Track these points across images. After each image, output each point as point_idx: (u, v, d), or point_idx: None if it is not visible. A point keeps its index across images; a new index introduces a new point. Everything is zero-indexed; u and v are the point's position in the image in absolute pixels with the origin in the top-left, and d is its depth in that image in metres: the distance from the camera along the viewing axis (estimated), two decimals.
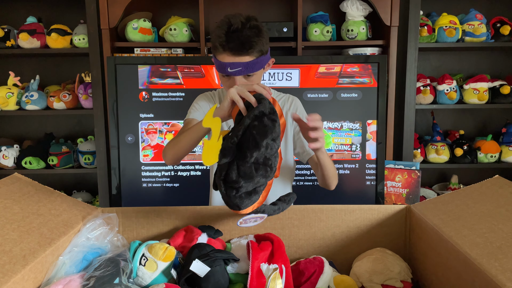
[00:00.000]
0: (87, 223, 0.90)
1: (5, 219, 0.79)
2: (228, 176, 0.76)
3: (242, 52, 1.08)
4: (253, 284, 0.81)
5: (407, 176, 2.01)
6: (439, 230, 0.82)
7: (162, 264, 0.84)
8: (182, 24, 2.12)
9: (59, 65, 2.44)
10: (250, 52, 1.09)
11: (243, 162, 0.75)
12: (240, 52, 1.08)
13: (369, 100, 1.93)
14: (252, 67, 1.11)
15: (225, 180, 0.77)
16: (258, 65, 1.13)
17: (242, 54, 1.09)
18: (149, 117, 1.95)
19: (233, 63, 1.09)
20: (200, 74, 1.93)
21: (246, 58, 1.10)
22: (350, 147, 1.96)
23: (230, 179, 0.76)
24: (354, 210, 1.01)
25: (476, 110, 2.50)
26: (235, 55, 1.09)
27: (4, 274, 0.65)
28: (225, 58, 1.10)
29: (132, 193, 1.96)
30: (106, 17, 2.03)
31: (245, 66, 1.10)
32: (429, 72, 2.47)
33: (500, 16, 2.23)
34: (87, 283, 0.74)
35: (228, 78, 1.14)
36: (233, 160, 0.76)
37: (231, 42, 1.07)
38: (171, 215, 1.01)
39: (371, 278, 0.87)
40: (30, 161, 2.21)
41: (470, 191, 0.92)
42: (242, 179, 0.75)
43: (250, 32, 1.09)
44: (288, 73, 1.94)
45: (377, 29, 2.21)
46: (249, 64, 1.10)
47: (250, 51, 1.09)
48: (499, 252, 0.67)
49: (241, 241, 0.98)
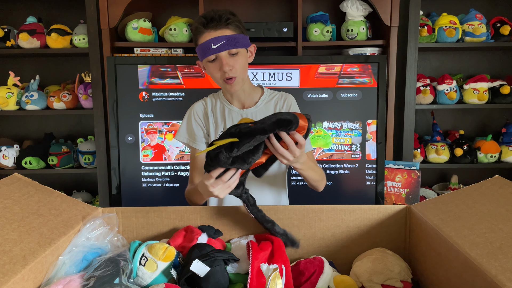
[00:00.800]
0: (87, 223, 0.90)
1: (5, 219, 0.79)
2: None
3: (220, 24, 1.15)
4: (253, 284, 0.81)
5: (407, 176, 2.01)
6: (439, 230, 0.82)
7: (162, 264, 0.84)
8: (182, 24, 2.12)
9: (59, 65, 2.44)
10: (229, 25, 1.16)
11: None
12: (219, 25, 1.15)
13: (369, 100, 1.93)
14: (234, 41, 1.16)
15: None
16: (240, 41, 1.18)
17: (221, 27, 1.15)
18: (149, 117, 1.95)
19: (216, 38, 1.15)
20: (200, 74, 1.93)
21: (227, 31, 1.16)
22: (350, 147, 1.96)
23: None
24: (354, 210, 1.01)
25: (476, 110, 2.50)
26: (216, 29, 1.15)
27: (4, 274, 0.65)
28: (207, 36, 1.16)
29: (132, 193, 1.97)
30: (106, 17, 2.03)
31: (228, 39, 1.16)
32: (429, 72, 2.47)
33: (500, 16, 2.23)
34: (87, 283, 0.74)
35: (215, 62, 1.18)
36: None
37: (210, 17, 1.16)
38: (171, 215, 1.01)
39: (371, 278, 0.87)
40: (30, 161, 2.21)
41: (470, 191, 0.92)
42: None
43: (225, 11, 1.18)
44: (288, 73, 1.94)
45: (377, 29, 2.21)
46: (231, 38, 1.16)
47: (228, 24, 1.16)
48: (499, 252, 0.67)
49: (241, 241, 0.98)
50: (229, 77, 1.19)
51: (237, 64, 1.18)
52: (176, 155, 1.97)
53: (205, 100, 1.36)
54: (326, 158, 1.97)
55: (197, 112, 1.33)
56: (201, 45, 1.17)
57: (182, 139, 1.33)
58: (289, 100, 1.35)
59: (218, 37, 1.15)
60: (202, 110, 1.34)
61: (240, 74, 1.20)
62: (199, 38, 1.18)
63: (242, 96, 1.31)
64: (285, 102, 1.34)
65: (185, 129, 1.34)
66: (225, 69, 1.17)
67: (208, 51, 1.16)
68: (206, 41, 1.16)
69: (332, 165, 1.97)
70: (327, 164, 1.97)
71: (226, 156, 0.86)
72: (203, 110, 1.34)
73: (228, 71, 1.17)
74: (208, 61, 1.19)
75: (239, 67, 1.19)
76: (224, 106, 1.32)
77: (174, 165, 1.97)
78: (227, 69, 1.17)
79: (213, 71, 1.20)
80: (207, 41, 1.15)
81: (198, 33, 1.18)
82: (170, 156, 1.97)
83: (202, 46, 1.17)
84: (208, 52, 1.16)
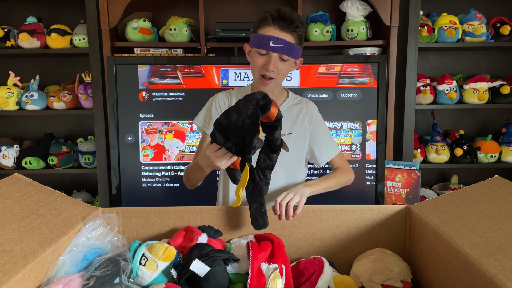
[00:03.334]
0: (87, 223, 0.90)
1: (5, 219, 0.79)
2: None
3: (288, 28, 1.16)
4: (253, 284, 0.81)
5: (407, 176, 2.01)
6: (439, 230, 0.82)
7: (162, 264, 0.84)
8: (182, 24, 2.12)
9: (59, 65, 2.44)
10: (294, 33, 1.18)
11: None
12: (287, 28, 1.16)
13: (369, 100, 1.93)
14: (291, 49, 1.18)
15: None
16: (295, 51, 1.20)
17: (287, 30, 1.17)
18: (149, 117, 1.95)
19: (277, 38, 1.16)
20: (200, 74, 1.93)
21: (289, 37, 1.18)
22: (350, 147, 1.96)
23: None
24: (354, 210, 1.01)
25: (476, 110, 2.50)
26: (281, 30, 1.17)
27: (5, 273, 0.66)
28: (271, 31, 1.17)
29: (132, 193, 1.97)
30: (106, 17, 2.03)
31: (286, 44, 1.17)
32: (429, 72, 2.47)
33: (500, 16, 2.23)
34: (87, 283, 0.74)
35: (264, 56, 1.20)
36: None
37: (282, 16, 1.16)
38: (171, 215, 1.01)
39: (371, 278, 0.87)
40: (30, 161, 2.21)
41: (470, 191, 0.92)
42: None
43: (298, 17, 1.19)
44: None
45: (377, 29, 2.21)
46: (289, 45, 1.17)
47: (294, 32, 1.18)
48: (499, 252, 0.67)
49: (241, 241, 0.98)
50: (268, 76, 1.21)
51: (281, 69, 1.21)
52: (176, 155, 1.97)
53: (230, 92, 1.37)
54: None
55: (219, 102, 1.35)
56: (261, 36, 1.18)
57: (198, 124, 1.36)
58: (312, 109, 1.38)
59: (280, 39, 1.16)
60: (225, 101, 1.35)
61: (278, 78, 1.23)
62: (262, 27, 1.19)
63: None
64: (308, 110, 1.36)
65: (203, 114, 1.36)
66: (269, 68, 1.18)
67: (264, 45, 1.17)
68: (267, 35, 1.17)
69: None
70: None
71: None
72: (227, 101, 1.35)
73: (271, 71, 1.19)
74: (258, 52, 1.20)
75: (281, 73, 1.22)
76: None
77: (174, 165, 1.97)
78: (271, 69, 1.19)
79: (257, 63, 1.21)
80: (268, 36, 1.16)
81: (264, 23, 1.18)
82: (170, 156, 1.97)
83: (260, 37, 1.18)
84: (263, 45, 1.17)
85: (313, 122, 1.35)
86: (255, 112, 0.86)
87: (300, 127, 1.34)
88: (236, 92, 1.37)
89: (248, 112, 0.86)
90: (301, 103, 1.37)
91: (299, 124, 1.34)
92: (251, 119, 0.86)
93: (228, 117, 0.88)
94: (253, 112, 0.86)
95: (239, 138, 0.88)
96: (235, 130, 0.87)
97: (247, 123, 0.86)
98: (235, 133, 0.88)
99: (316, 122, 1.36)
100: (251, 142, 0.86)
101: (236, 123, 0.87)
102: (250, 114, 0.86)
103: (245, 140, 0.88)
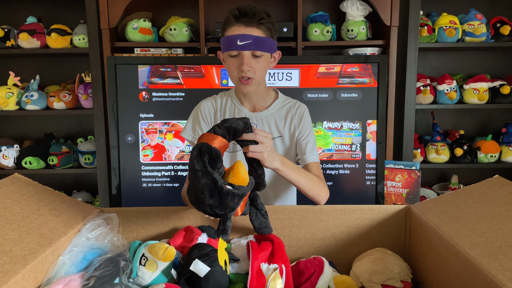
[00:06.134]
0: (87, 223, 0.90)
1: (5, 219, 0.79)
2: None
3: (253, 22, 1.12)
4: (253, 284, 0.81)
5: (407, 176, 2.01)
6: (439, 230, 0.82)
7: (162, 264, 0.84)
8: (182, 24, 2.12)
9: (59, 65, 2.44)
10: (261, 25, 1.13)
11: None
12: (251, 23, 1.12)
13: (369, 100, 1.93)
14: (262, 43, 1.13)
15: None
16: (267, 45, 1.14)
17: (252, 25, 1.12)
18: (149, 117, 1.95)
19: (244, 35, 1.11)
20: (200, 74, 1.93)
21: (257, 31, 1.13)
22: (350, 147, 1.96)
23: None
24: (354, 210, 1.01)
25: (476, 110, 2.50)
26: (246, 26, 1.12)
27: (4, 274, 0.65)
28: (236, 30, 1.12)
29: (132, 193, 1.97)
30: (106, 17, 2.03)
31: (255, 39, 1.12)
32: (429, 72, 2.47)
33: (500, 16, 2.23)
34: (87, 283, 0.74)
35: (236, 58, 1.15)
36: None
37: (243, 12, 1.12)
38: (171, 215, 1.01)
39: (371, 278, 0.87)
40: (30, 161, 2.21)
41: (470, 191, 0.92)
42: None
43: (261, 9, 1.14)
44: (288, 73, 1.94)
45: (377, 29, 2.21)
46: (258, 39, 1.12)
47: (260, 24, 1.12)
48: (499, 252, 0.67)
49: (241, 241, 0.98)
50: (246, 77, 1.15)
51: (257, 67, 1.15)
52: (176, 155, 1.97)
53: (215, 98, 1.33)
54: (326, 158, 1.97)
55: (205, 110, 1.31)
56: (227, 37, 1.13)
57: (187, 136, 1.31)
58: (301, 109, 1.31)
59: (246, 35, 1.11)
60: (211, 108, 1.31)
61: (257, 77, 1.17)
62: (227, 29, 1.15)
63: (254, 98, 1.28)
64: (297, 110, 1.30)
65: (191, 126, 1.31)
66: (244, 69, 1.13)
67: (232, 46, 1.12)
68: (233, 35, 1.12)
69: (332, 165, 1.97)
70: (327, 164, 1.97)
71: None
72: (212, 108, 1.31)
73: (246, 71, 1.14)
74: (229, 55, 1.16)
75: (259, 71, 1.16)
76: (235, 107, 1.30)
77: (174, 165, 1.97)
78: (245, 69, 1.13)
79: (232, 67, 1.17)
80: (234, 36, 1.12)
81: (228, 24, 1.14)
82: (170, 156, 1.97)
83: (227, 39, 1.13)
84: (232, 46, 1.13)
85: (301, 123, 1.29)
86: (199, 162, 0.76)
87: (289, 129, 1.29)
88: (221, 96, 1.33)
89: (196, 166, 0.76)
90: (290, 103, 1.32)
91: (288, 125, 1.29)
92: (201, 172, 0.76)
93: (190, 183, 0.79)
94: (199, 163, 0.76)
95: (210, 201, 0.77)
96: (200, 193, 0.76)
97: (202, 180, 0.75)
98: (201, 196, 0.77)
99: (304, 123, 1.30)
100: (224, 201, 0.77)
101: (196, 186, 0.76)
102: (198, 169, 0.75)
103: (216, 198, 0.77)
